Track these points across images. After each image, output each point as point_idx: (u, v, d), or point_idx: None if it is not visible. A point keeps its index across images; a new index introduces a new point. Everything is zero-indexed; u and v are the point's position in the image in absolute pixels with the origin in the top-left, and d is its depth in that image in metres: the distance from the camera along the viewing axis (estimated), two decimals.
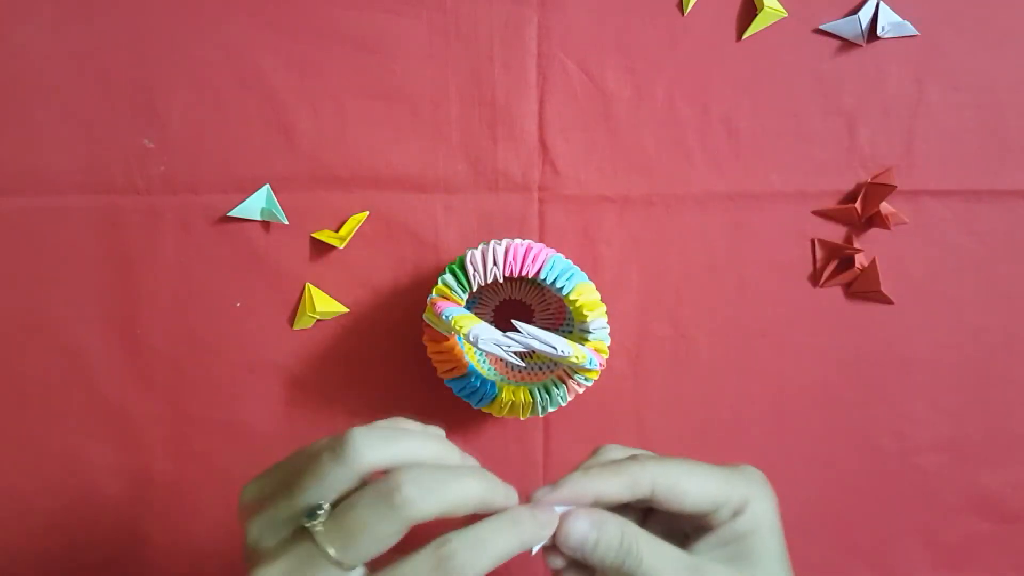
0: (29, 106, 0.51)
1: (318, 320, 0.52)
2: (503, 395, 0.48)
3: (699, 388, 0.53)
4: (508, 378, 0.51)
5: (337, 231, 0.52)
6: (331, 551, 0.30)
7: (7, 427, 0.53)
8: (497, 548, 0.31)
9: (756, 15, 0.51)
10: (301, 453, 0.33)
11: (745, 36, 0.51)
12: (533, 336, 0.42)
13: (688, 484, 0.35)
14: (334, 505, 0.31)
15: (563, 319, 0.51)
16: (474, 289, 0.46)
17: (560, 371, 0.48)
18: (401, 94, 0.52)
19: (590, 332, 0.47)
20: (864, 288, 0.52)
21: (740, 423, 0.53)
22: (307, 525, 0.30)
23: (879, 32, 0.51)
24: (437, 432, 0.35)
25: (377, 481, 0.30)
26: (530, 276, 0.46)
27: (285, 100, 0.51)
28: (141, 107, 0.51)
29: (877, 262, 0.52)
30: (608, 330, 0.48)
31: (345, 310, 0.52)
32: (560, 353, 0.43)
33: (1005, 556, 0.54)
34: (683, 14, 0.51)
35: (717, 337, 0.53)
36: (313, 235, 0.52)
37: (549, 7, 0.51)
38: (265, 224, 0.52)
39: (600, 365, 0.47)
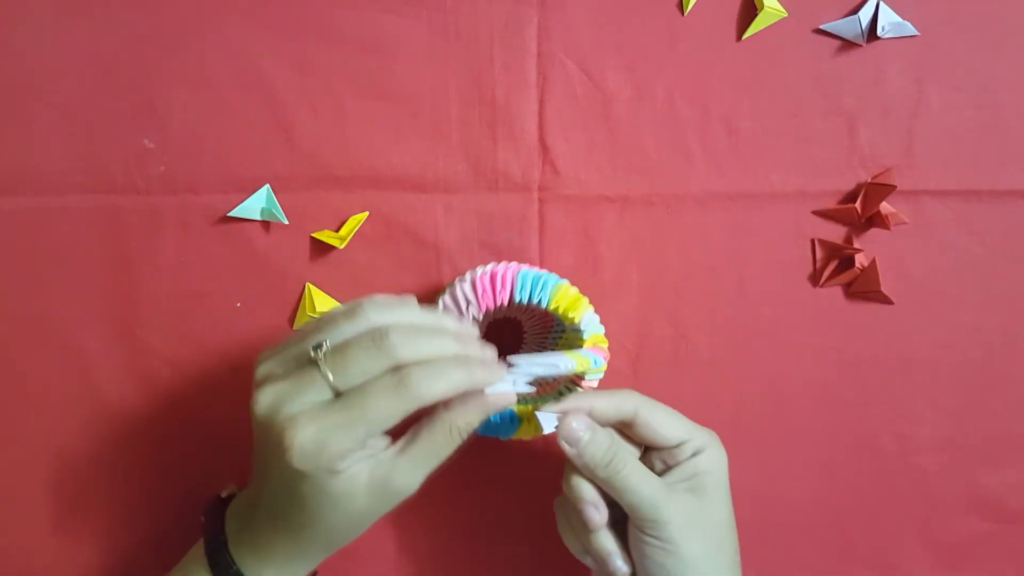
0: (29, 106, 0.51)
1: None
2: (523, 420, 0.47)
3: (699, 388, 0.53)
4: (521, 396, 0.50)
5: (337, 231, 0.52)
6: (328, 374, 0.36)
7: (7, 427, 0.53)
8: (450, 377, 0.37)
9: (756, 15, 0.51)
10: (311, 320, 0.41)
11: (745, 36, 0.51)
12: (534, 364, 0.42)
13: (663, 418, 0.44)
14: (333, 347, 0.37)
15: (552, 322, 0.51)
16: None
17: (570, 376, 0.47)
18: (401, 94, 0.52)
19: (582, 329, 0.46)
20: (864, 288, 0.52)
21: (740, 423, 0.53)
22: (312, 354, 0.37)
23: (879, 32, 0.51)
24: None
25: (372, 329, 0.38)
26: (505, 304, 0.45)
27: (285, 100, 0.51)
28: (141, 107, 0.51)
29: (877, 262, 0.52)
30: (599, 319, 0.47)
31: None
32: (564, 369, 0.43)
33: (1005, 556, 0.54)
34: (683, 14, 0.51)
35: (717, 337, 0.53)
36: (313, 235, 0.52)
37: (549, 7, 0.51)
38: (265, 224, 0.52)
39: (605, 358, 0.46)
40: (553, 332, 0.51)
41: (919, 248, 0.52)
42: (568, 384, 0.48)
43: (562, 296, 0.45)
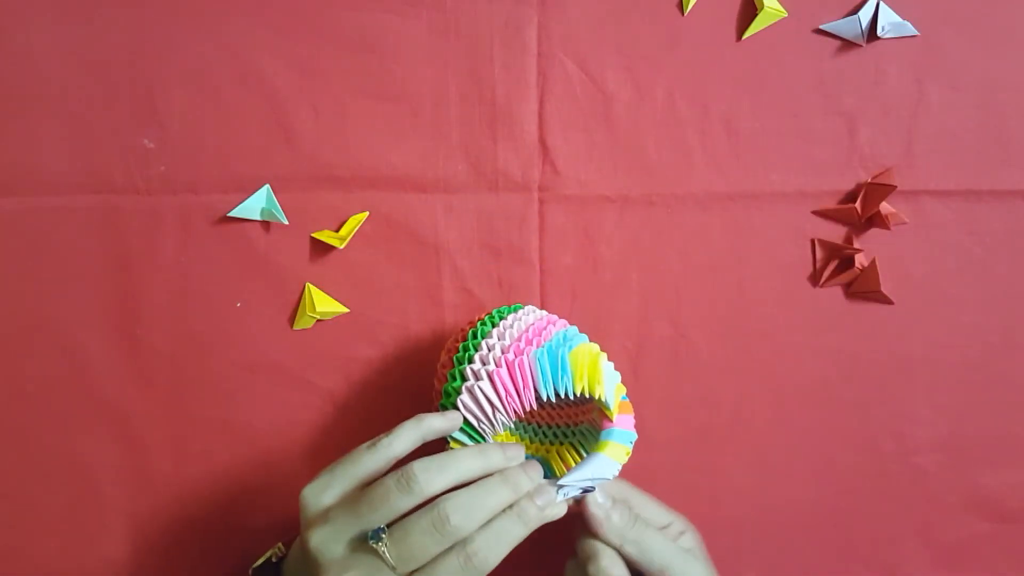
0: (29, 106, 0.51)
1: (318, 320, 0.52)
2: (555, 468, 0.47)
3: (699, 388, 0.53)
4: (543, 445, 0.48)
5: (337, 231, 0.52)
6: (394, 564, 0.37)
7: (7, 427, 0.53)
8: (511, 537, 0.38)
9: (756, 15, 0.51)
10: (358, 462, 0.40)
11: (745, 36, 0.51)
12: (582, 480, 0.42)
13: (648, 502, 0.47)
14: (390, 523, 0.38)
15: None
16: (490, 439, 0.44)
17: (591, 416, 0.46)
18: (401, 94, 0.52)
19: (607, 401, 0.43)
20: (864, 288, 0.52)
21: (740, 423, 0.53)
22: (374, 545, 0.37)
23: (879, 32, 0.51)
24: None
25: (428, 509, 0.38)
26: (534, 406, 0.43)
27: (285, 100, 0.51)
28: (141, 107, 0.51)
29: (877, 262, 0.52)
30: (618, 375, 0.45)
31: (345, 310, 0.52)
32: (611, 475, 0.42)
33: (1005, 556, 0.54)
34: (683, 14, 0.51)
35: (717, 337, 0.53)
36: (313, 235, 0.52)
37: (549, 7, 0.51)
38: (265, 224, 0.52)
39: (633, 418, 0.45)
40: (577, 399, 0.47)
41: (919, 248, 0.52)
42: (589, 426, 0.46)
43: (580, 368, 0.42)
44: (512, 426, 0.48)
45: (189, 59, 0.51)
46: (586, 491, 0.43)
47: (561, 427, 0.47)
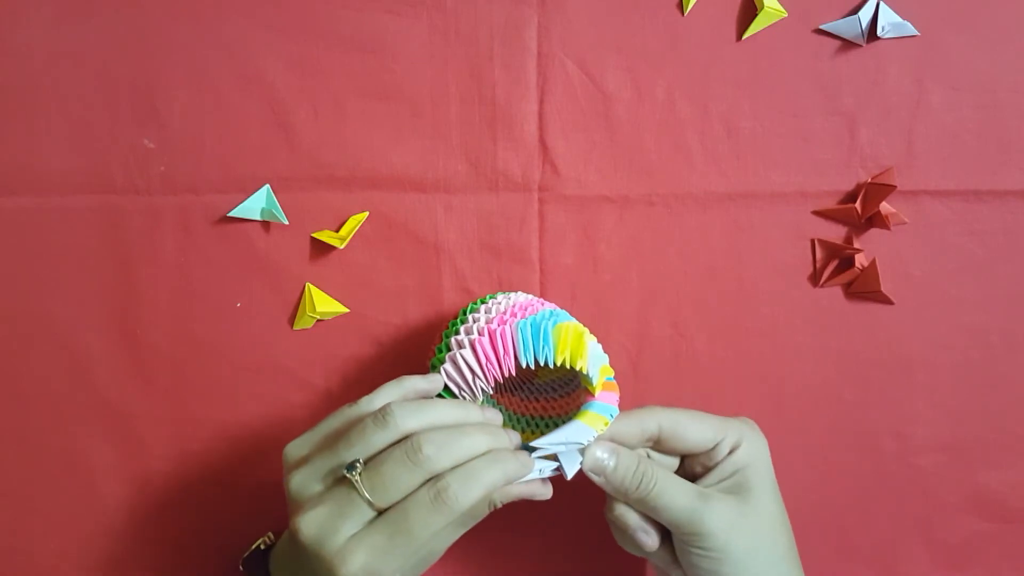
0: (29, 106, 0.51)
1: (318, 320, 0.52)
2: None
3: (699, 388, 0.53)
4: (533, 435, 0.47)
5: (337, 231, 0.52)
6: (368, 496, 0.36)
7: (7, 427, 0.53)
8: (484, 480, 0.38)
9: (756, 15, 0.51)
10: (338, 417, 0.40)
11: (745, 36, 0.51)
12: (557, 444, 0.41)
13: (689, 424, 0.44)
14: (366, 460, 0.37)
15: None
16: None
17: (580, 401, 0.45)
18: (401, 94, 0.52)
19: (590, 375, 0.43)
20: (864, 288, 0.52)
21: None
22: (348, 475, 0.37)
23: (879, 32, 0.51)
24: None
25: (404, 441, 0.37)
26: (513, 372, 0.42)
27: (285, 100, 0.51)
28: (141, 107, 0.51)
29: (877, 262, 0.52)
30: (606, 357, 0.44)
31: (345, 310, 0.52)
32: (590, 440, 0.42)
33: (1005, 556, 0.54)
34: (683, 14, 0.51)
35: (717, 337, 0.53)
36: (313, 235, 0.52)
37: (549, 7, 0.51)
38: (265, 224, 0.52)
39: (617, 396, 0.44)
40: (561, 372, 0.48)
41: (919, 248, 0.52)
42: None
43: (564, 341, 0.42)
44: (494, 399, 0.48)
45: (189, 59, 0.51)
46: (560, 467, 0.42)
47: (554, 418, 0.47)
